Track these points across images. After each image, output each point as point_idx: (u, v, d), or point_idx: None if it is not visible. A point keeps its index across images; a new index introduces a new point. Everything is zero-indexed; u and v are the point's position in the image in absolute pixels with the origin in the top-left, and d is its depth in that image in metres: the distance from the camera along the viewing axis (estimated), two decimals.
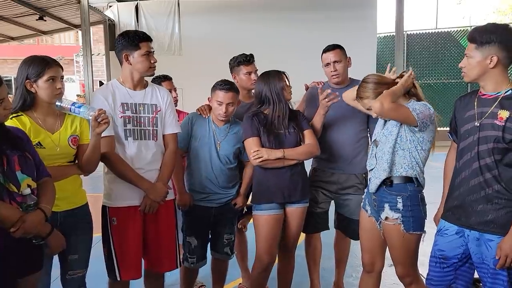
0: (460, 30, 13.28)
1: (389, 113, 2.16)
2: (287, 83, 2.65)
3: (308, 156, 2.67)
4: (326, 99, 2.64)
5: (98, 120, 2.08)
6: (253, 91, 3.06)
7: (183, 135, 2.71)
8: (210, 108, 2.80)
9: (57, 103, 2.11)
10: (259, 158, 2.54)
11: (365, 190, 2.45)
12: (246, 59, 3.01)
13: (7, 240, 1.72)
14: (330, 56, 2.84)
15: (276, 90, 2.61)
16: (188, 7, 11.52)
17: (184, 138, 2.73)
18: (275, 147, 2.58)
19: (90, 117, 2.10)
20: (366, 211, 2.39)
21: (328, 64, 2.86)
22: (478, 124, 1.96)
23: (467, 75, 2.01)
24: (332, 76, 2.87)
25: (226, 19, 11.49)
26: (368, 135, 2.94)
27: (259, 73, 2.91)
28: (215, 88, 2.70)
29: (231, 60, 3.08)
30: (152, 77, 2.94)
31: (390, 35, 12.79)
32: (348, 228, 3.00)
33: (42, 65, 2.09)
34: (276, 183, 2.61)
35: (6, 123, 1.89)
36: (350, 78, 2.98)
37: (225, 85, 2.68)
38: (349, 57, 2.93)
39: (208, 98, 2.76)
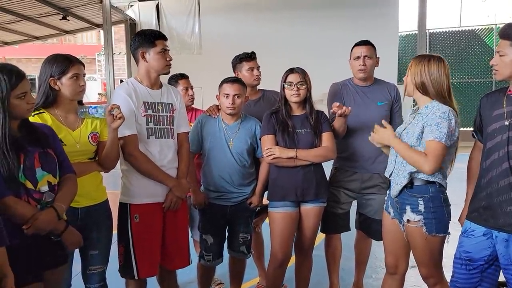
0: (485, 28, 12.98)
1: (436, 166, 2.08)
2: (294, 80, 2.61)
3: (322, 159, 2.64)
4: (339, 112, 2.60)
5: (112, 113, 2.11)
6: (258, 87, 3.08)
7: (194, 138, 2.73)
8: (218, 108, 2.81)
9: (81, 110, 2.19)
10: (271, 155, 2.56)
11: (387, 192, 2.41)
12: (248, 55, 3.04)
13: (29, 236, 1.75)
14: (363, 49, 2.81)
15: (281, 87, 2.65)
16: (208, 6, 11.55)
17: (196, 141, 2.74)
18: (289, 146, 2.58)
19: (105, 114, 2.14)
20: (389, 213, 2.35)
21: (358, 57, 2.81)
22: (508, 124, 1.90)
23: (500, 73, 1.94)
24: (359, 70, 2.81)
25: (245, 18, 11.49)
26: None
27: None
28: (221, 83, 2.74)
29: (233, 58, 3.11)
30: (169, 75, 2.97)
31: (412, 33, 12.59)
32: (370, 228, 2.96)
33: (66, 62, 2.13)
34: (290, 181, 2.61)
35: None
36: (374, 78, 2.94)
37: (231, 78, 2.77)
38: (378, 57, 2.90)
39: (216, 96, 2.77)
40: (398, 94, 2.91)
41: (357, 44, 2.87)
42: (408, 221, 2.19)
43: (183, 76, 3.32)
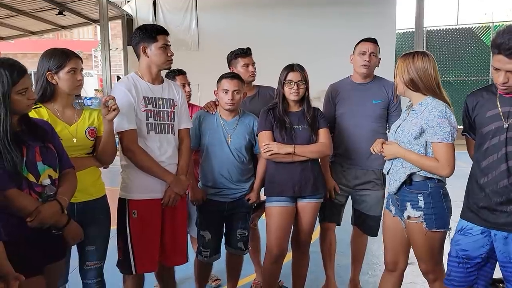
0: (482, 26, 13.03)
1: (452, 168, 2.09)
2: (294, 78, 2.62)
3: (319, 155, 2.67)
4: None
5: (106, 105, 2.10)
6: (253, 83, 3.09)
7: (192, 134, 2.72)
8: (215, 104, 2.82)
9: (76, 101, 2.18)
10: (269, 151, 2.57)
11: (388, 192, 2.41)
12: (243, 51, 3.04)
13: (29, 229, 1.75)
14: (370, 46, 2.84)
15: (279, 84, 2.67)
16: (205, 2, 11.54)
17: (194, 137, 2.74)
18: (286, 142, 2.59)
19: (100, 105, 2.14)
20: (390, 211, 2.35)
21: (364, 52, 2.83)
22: (507, 125, 1.89)
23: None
24: (363, 65, 2.83)
25: (243, 15, 11.48)
26: (387, 132, 2.92)
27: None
28: (220, 79, 2.74)
29: (228, 54, 3.11)
30: (166, 71, 2.96)
31: (409, 31, 12.62)
32: (365, 224, 2.99)
33: (63, 57, 2.12)
34: (287, 177, 2.63)
35: None
36: (374, 75, 2.97)
37: (230, 73, 2.77)
38: (380, 58, 2.93)
39: (214, 91, 2.78)
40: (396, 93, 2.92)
41: (364, 40, 2.89)
42: (409, 217, 2.19)
43: (180, 72, 3.28)
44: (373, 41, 2.88)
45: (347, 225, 3.12)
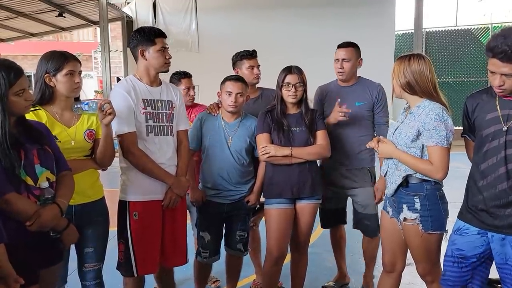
0: (481, 27, 13.04)
1: (445, 171, 2.09)
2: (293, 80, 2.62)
3: (317, 157, 2.69)
4: (341, 114, 2.71)
5: (102, 109, 2.11)
6: (257, 85, 3.10)
7: (194, 135, 2.73)
8: (218, 106, 2.82)
9: (75, 106, 2.19)
10: (266, 154, 2.58)
11: (385, 193, 2.42)
12: (249, 53, 3.05)
13: (28, 233, 1.74)
14: (341, 53, 2.89)
15: (277, 86, 2.67)
16: (205, 4, 11.54)
17: (195, 138, 2.75)
18: (284, 144, 2.60)
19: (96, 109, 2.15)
20: (388, 212, 2.35)
21: (337, 60, 2.90)
22: (506, 128, 1.89)
23: (508, 91, 1.88)
24: (338, 72, 2.92)
25: (243, 16, 11.48)
26: (375, 133, 2.95)
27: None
28: (224, 80, 2.75)
29: (233, 56, 3.11)
30: (171, 73, 2.96)
31: (408, 32, 12.62)
32: (361, 223, 3.03)
33: (61, 59, 2.13)
34: (285, 178, 2.64)
35: None
36: (359, 76, 3.00)
37: (234, 76, 2.78)
38: (361, 59, 2.96)
39: (218, 93, 2.79)
40: (380, 94, 2.94)
41: (338, 46, 2.95)
42: (405, 219, 2.19)
43: (186, 75, 3.25)
44: (345, 45, 2.91)
45: (350, 225, 3.14)
